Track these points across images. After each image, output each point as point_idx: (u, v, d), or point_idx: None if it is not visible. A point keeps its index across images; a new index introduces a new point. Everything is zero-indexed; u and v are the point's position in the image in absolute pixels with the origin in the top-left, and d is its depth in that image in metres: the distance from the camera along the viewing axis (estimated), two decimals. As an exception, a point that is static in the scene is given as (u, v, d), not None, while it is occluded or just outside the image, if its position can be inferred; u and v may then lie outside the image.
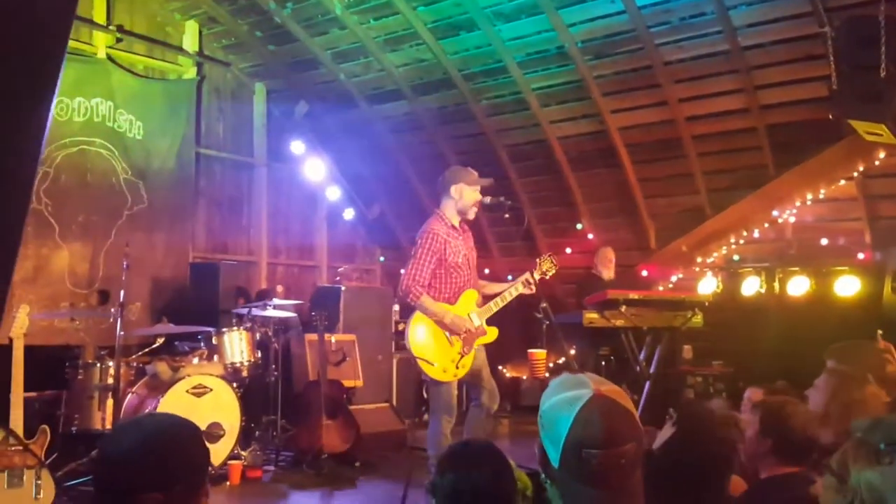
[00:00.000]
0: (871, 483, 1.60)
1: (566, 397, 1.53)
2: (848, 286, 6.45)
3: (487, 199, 4.79)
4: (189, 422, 1.72)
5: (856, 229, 6.81)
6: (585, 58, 6.90)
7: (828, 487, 1.77)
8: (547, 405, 1.56)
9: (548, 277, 4.85)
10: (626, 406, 1.54)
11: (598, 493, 1.48)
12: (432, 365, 4.46)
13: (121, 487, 1.58)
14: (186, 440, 1.67)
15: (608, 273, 7.42)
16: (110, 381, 5.32)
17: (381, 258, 10.00)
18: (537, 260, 4.87)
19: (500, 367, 8.23)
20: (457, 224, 4.71)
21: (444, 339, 4.52)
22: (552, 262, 4.87)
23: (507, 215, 5.28)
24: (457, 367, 4.52)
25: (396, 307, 7.97)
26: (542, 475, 1.58)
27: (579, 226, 8.26)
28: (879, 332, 4.16)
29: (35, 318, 5.51)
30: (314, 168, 8.69)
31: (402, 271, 4.84)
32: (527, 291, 4.74)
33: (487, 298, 4.77)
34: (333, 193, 9.11)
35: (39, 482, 4.20)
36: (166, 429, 1.68)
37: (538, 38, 6.88)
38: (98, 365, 5.49)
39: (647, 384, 6.58)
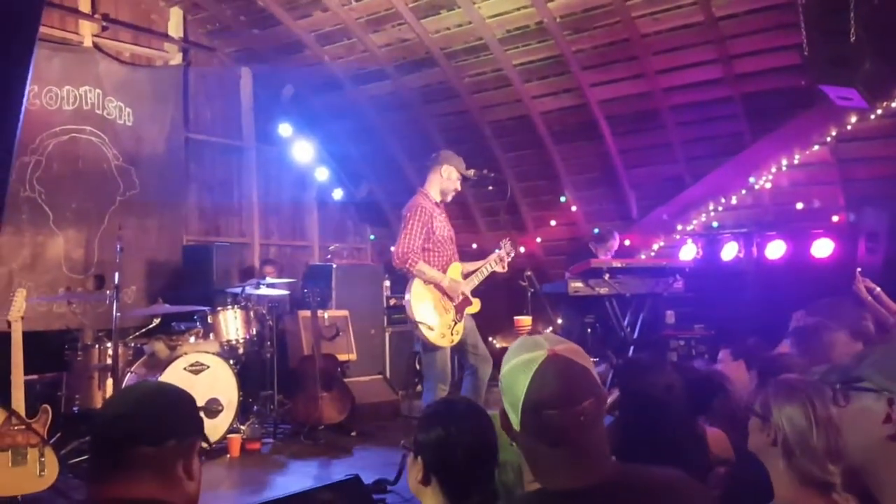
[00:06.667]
0: (791, 418, 1.78)
1: (522, 360, 1.54)
2: (823, 248, 6.63)
3: (472, 173, 5.04)
4: (184, 391, 1.77)
5: (830, 193, 6.98)
6: (564, 32, 7.01)
7: (753, 429, 1.89)
8: (505, 369, 1.58)
9: (510, 260, 5.14)
10: (582, 363, 1.55)
11: (562, 451, 1.50)
12: (432, 330, 4.74)
13: (114, 438, 1.59)
14: (181, 402, 1.72)
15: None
16: (109, 361, 5.45)
17: (372, 237, 10.14)
18: (501, 243, 5.16)
19: (490, 339, 8.41)
20: (438, 201, 4.99)
21: (441, 306, 4.81)
22: (511, 245, 5.17)
23: (490, 188, 5.43)
24: (452, 334, 4.83)
25: (387, 283, 8.13)
26: (509, 439, 1.60)
27: (563, 198, 8.42)
28: (858, 269, 4.36)
29: (34, 303, 5.65)
30: (302, 149, 8.81)
31: (392, 248, 5.05)
32: (500, 269, 5.03)
33: (466, 276, 5.05)
34: (322, 174, 9.24)
35: (43, 459, 4.30)
36: (162, 390, 1.79)
37: (517, 14, 6.98)
38: (97, 346, 5.63)
39: (632, 349, 6.78)
